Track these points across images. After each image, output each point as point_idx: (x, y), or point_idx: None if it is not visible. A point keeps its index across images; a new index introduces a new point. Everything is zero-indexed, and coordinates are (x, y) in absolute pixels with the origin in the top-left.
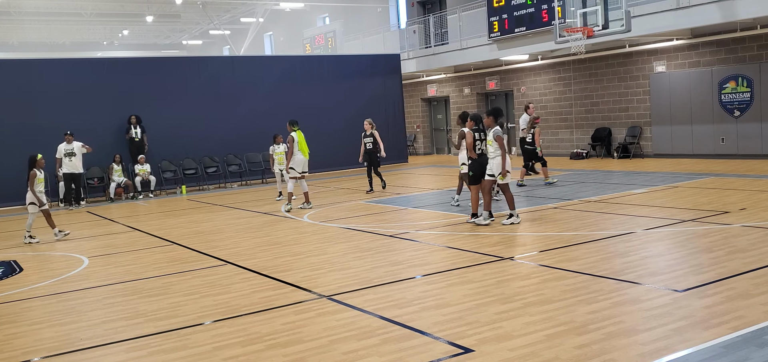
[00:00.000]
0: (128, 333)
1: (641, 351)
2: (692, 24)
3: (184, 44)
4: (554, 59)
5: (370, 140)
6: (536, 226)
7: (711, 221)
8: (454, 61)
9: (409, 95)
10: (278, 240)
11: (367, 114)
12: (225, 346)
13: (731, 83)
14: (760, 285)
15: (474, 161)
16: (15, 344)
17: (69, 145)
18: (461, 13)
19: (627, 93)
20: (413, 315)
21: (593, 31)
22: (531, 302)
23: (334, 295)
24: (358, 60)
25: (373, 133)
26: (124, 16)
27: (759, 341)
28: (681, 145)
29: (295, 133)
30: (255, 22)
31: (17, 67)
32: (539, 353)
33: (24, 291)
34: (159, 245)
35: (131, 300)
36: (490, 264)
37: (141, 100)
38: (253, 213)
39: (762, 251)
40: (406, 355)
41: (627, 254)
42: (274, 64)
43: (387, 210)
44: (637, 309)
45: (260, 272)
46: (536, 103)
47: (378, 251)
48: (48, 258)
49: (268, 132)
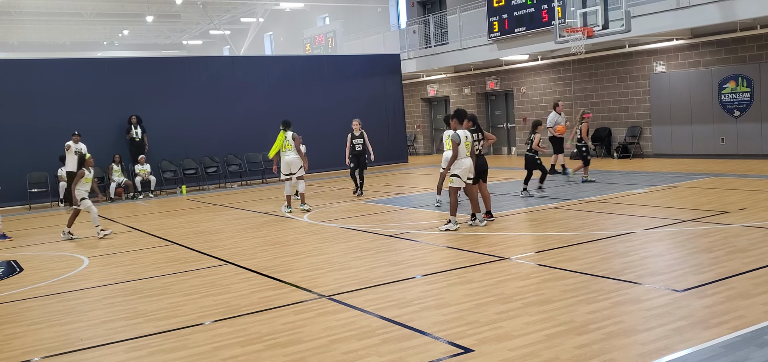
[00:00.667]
0: (128, 333)
1: (641, 351)
2: (692, 24)
3: (184, 44)
4: (554, 59)
5: (359, 141)
6: (536, 226)
7: (711, 221)
8: (454, 61)
9: (409, 95)
10: (278, 240)
11: (368, 114)
12: (225, 346)
13: (731, 83)
14: (760, 285)
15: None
16: (15, 344)
17: (76, 146)
18: (461, 13)
19: (627, 93)
20: (413, 315)
21: (593, 31)
22: (531, 302)
23: (334, 295)
24: (358, 60)
25: (363, 133)
26: (124, 16)
27: (759, 341)
28: (681, 145)
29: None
30: (255, 22)
31: (17, 67)
32: (539, 353)
33: (24, 291)
34: (159, 245)
35: (131, 300)
36: (490, 264)
37: (141, 100)
38: (253, 213)
39: (762, 251)
40: (406, 355)
41: (627, 254)
42: (274, 64)
43: (387, 210)
44: (637, 309)
45: (260, 272)
46: (536, 103)
47: (378, 251)
48: (48, 258)
49: (267, 132)
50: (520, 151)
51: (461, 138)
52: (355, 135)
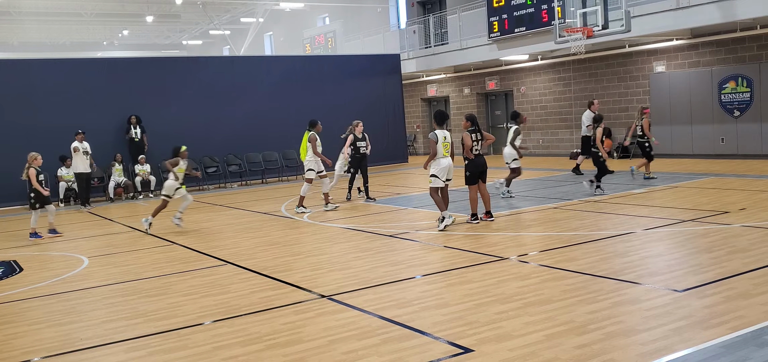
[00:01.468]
0: (128, 333)
1: (641, 351)
2: (692, 24)
3: (184, 44)
4: (554, 59)
5: (363, 144)
6: (536, 226)
7: (711, 221)
8: (454, 61)
9: (409, 95)
10: (278, 240)
11: (367, 114)
12: (225, 346)
13: (731, 83)
14: (760, 285)
15: (470, 162)
16: (15, 344)
17: (82, 144)
18: (461, 13)
19: (627, 93)
20: (413, 315)
21: (593, 31)
22: (531, 302)
23: (334, 295)
24: (358, 60)
25: (365, 135)
26: (124, 16)
27: (759, 341)
28: (681, 145)
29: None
30: (255, 22)
31: (17, 67)
32: (539, 353)
33: (24, 291)
34: (159, 245)
35: (131, 300)
36: (490, 264)
37: (141, 100)
38: (253, 213)
39: (762, 251)
40: (406, 355)
41: (627, 254)
42: (274, 64)
43: (387, 210)
44: (636, 309)
45: (260, 272)
46: (536, 103)
47: (378, 251)
48: (48, 258)
49: (267, 132)
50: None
51: (439, 137)
52: (359, 137)
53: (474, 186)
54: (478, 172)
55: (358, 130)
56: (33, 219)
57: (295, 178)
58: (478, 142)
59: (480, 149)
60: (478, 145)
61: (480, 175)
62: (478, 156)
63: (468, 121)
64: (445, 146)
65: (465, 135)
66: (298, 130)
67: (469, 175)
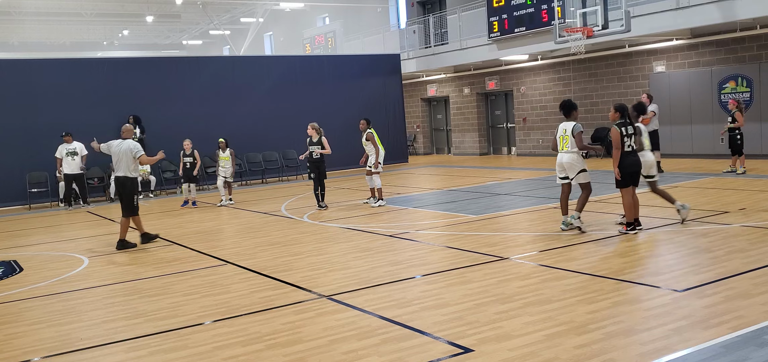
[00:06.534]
0: (128, 333)
1: (641, 351)
2: (692, 24)
3: (184, 44)
4: (554, 59)
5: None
6: (536, 226)
7: (711, 221)
8: (454, 61)
9: (409, 95)
10: (278, 240)
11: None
12: (225, 346)
13: (731, 83)
14: (760, 285)
15: (622, 160)
16: (15, 344)
17: (69, 145)
18: (461, 13)
19: (627, 93)
20: (413, 315)
21: (593, 31)
22: (530, 302)
23: (334, 295)
24: (358, 60)
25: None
26: (124, 16)
27: (759, 341)
28: (681, 145)
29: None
30: (255, 22)
31: (17, 67)
32: (539, 353)
33: (24, 291)
34: (159, 245)
35: (131, 300)
36: (490, 264)
37: (141, 100)
38: (253, 213)
39: (761, 251)
40: (406, 355)
41: (627, 254)
42: (274, 64)
43: (387, 211)
44: (636, 309)
45: (260, 272)
46: (536, 103)
47: (378, 251)
48: (48, 258)
49: (267, 132)
50: (520, 150)
51: (560, 130)
52: (313, 141)
53: (628, 189)
54: (632, 172)
55: (313, 133)
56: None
57: (295, 178)
58: (630, 136)
59: (633, 145)
60: (630, 140)
61: (633, 176)
62: (631, 151)
63: (617, 112)
64: (561, 140)
65: (613, 129)
66: (298, 130)
67: (623, 175)
